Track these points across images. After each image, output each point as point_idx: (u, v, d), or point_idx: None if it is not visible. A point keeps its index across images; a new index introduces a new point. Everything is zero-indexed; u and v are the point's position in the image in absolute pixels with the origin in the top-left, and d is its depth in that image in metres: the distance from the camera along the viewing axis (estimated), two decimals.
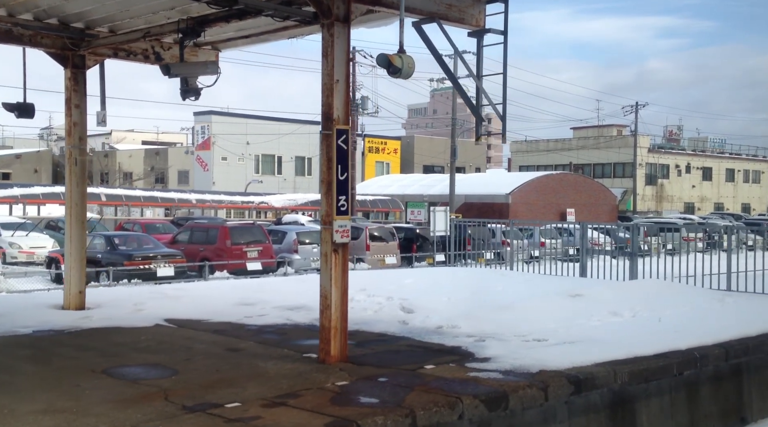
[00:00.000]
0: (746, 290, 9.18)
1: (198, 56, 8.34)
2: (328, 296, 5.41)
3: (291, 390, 4.60)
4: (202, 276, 15.45)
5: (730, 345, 6.48)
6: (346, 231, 5.44)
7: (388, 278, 10.40)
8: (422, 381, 4.94)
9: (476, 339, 6.47)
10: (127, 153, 57.35)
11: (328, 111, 5.40)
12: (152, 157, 54.50)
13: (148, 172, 52.83)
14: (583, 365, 5.53)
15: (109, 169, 56.33)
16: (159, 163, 53.71)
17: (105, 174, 55.56)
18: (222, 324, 6.93)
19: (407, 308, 7.77)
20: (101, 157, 59.45)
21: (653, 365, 5.79)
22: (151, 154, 54.97)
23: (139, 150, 57.27)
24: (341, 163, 5.42)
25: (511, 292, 8.96)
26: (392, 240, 20.79)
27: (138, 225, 23.04)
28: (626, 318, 7.59)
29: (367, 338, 6.52)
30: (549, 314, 7.46)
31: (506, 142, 8.92)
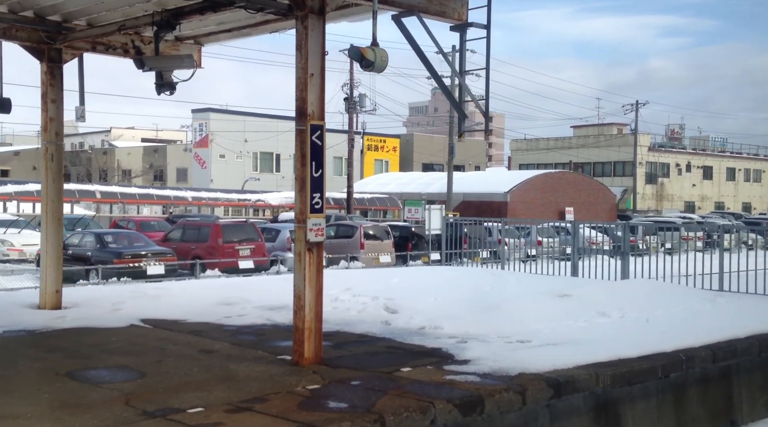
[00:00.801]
0: (739, 290, 9.01)
1: (180, 50, 8.18)
2: (302, 296, 5.26)
3: (259, 394, 4.45)
4: (193, 274, 15.33)
5: (717, 347, 6.32)
6: (321, 230, 5.29)
7: (376, 277, 10.25)
8: (396, 385, 4.79)
9: (458, 340, 6.32)
10: (125, 150, 57.26)
11: (302, 106, 5.24)
12: (151, 154, 54.39)
13: (146, 169, 52.76)
14: (565, 367, 5.37)
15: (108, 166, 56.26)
16: (158, 160, 53.60)
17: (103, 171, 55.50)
18: (199, 325, 6.78)
19: (391, 309, 7.62)
20: (100, 155, 59.40)
21: (637, 368, 5.63)
22: (149, 151, 54.86)
23: (137, 147, 57.16)
24: (316, 160, 5.26)
25: (500, 292, 8.80)
26: (387, 238, 20.62)
27: (132, 222, 22.90)
28: (614, 319, 7.43)
29: (347, 339, 6.37)
30: (535, 315, 7.30)
31: (489, 139, 8.75)
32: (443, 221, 13.25)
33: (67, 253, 16.50)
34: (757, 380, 7.22)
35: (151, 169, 53.04)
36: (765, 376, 7.29)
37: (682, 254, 11.02)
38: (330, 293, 8.61)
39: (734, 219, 37.92)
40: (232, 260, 16.51)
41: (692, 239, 20.88)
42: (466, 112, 6.66)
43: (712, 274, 9.33)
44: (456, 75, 5.99)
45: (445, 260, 12.74)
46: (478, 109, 6.15)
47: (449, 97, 6.24)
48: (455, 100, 6.26)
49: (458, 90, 6.35)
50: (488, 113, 6.20)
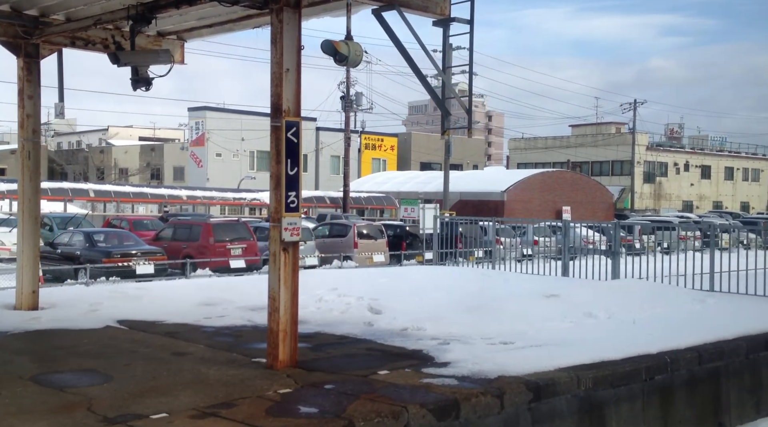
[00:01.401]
0: (730, 290, 8.89)
1: (162, 46, 8.04)
2: (277, 297, 5.12)
3: (227, 399, 4.32)
4: (184, 274, 15.19)
5: (704, 349, 6.20)
6: (296, 229, 5.15)
7: (364, 277, 10.12)
8: (371, 388, 4.66)
9: (440, 342, 6.19)
10: (122, 149, 57.13)
11: (276, 102, 5.10)
12: (148, 153, 54.26)
13: (143, 168, 52.61)
14: (546, 370, 5.25)
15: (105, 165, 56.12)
16: (154, 159, 53.48)
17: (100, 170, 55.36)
18: (177, 326, 6.65)
19: (375, 309, 7.49)
20: (97, 154, 59.27)
21: (620, 370, 5.50)
22: (146, 150, 54.72)
23: (134, 146, 57.03)
24: (291, 157, 5.13)
25: (487, 292, 8.67)
26: (381, 238, 20.48)
27: (126, 221, 22.76)
28: (601, 320, 7.31)
29: (327, 341, 6.24)
30: (521, 316, 7.17)
31: (471, 136, 8.58)
32: (434, 220, 13.09)
33: (56, 252, 16.46)
34: (747, 382, 7.10)
35: (148, 167, 52.90)
36: (754, 377, 7.17)
37: (678, 254, 10.86)
38: (315, 293, 8.49)
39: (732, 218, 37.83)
40: (223, 259, 16.38)
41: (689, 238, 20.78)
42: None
43: (702, 274, 9.21)
44: (439, 72, 5.86)
45: (439, 259, 12.62)
46: (461, 105, 6.01)
47: (432, 94, 6.11)
48: (438, 97, 6.13)
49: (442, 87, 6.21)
50: (471, 110, 6.07)
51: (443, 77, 6.01)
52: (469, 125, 6.15)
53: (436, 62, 6.01)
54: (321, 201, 35.99)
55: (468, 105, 6.05)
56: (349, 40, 4.69)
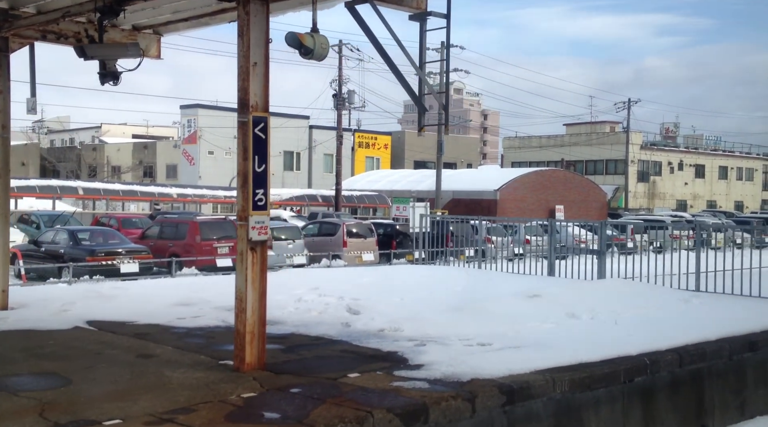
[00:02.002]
0: (716, 290, 8.79)
1: (138, 40, 7.87)
2: (244, 298, 4.98)
3: (188, 404, 4.17)
4: (170, 273, 15.02)
5: (685, 350, 6.08)
6: (264, 228, 5.00)
7: (347, 276, 9.98)
8: (338, 392, 4.53)
9: (416, 343, 6.06)
10: (115, 147, 56.78)
11: (244, 97, 4.95)
12: (140, 151, 53.92)
13: (135, 165, 52.29)
14: (521, 372, 5.12)
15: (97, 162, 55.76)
16: (147, 157, 53.15)
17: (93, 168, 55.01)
18: (148, 327, 6.49)
19: (354, 309, 7.35)
20: (89, 151, 58.88)
21: (598, 373, 5.38)
22: (139, 147, 54.37)
23: (127, 144, 56.68)
24: (259, 154, 4.98)
25: (470, 292, 8.55)
26: (370, 236, 20.35)
27: (114, 219, 22.55)
28: (583, 320, 7.19)
29: (301, 342, 6.10)
30: (502, 316, 7.05)
31: (448, 134, 8.45)
32: (421, 219, 12.96)
33: (40, 250, 16.25)
34: (731, 383, 7.00)
35: (141, 165, 52.57)
36: (738, 379, 7.07)
37: (672, 253, 10.73)
38: (295, 292, 8.35)
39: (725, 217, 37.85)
40: (210, 258, 16.20)
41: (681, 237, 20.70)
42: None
43: (688, 274, 9.11)
44: (415, 68, 5.71)
45: (429, 258, 12.47)
46: (438, 101, 5.87)
47: (407, 90, 5.96)
48: (414, 93, 5.98)
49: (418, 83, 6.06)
50: (448, 106, 5.93)
51: (419, 74, 5.86)
52: (446, 122, 6.01)
53: (412, 57, 5.86)
54: (313, 199, 35.83)
55: (444, 101, 5.91)
56: (315, 33, 4.54)
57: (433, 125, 9.19)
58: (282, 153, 48.02)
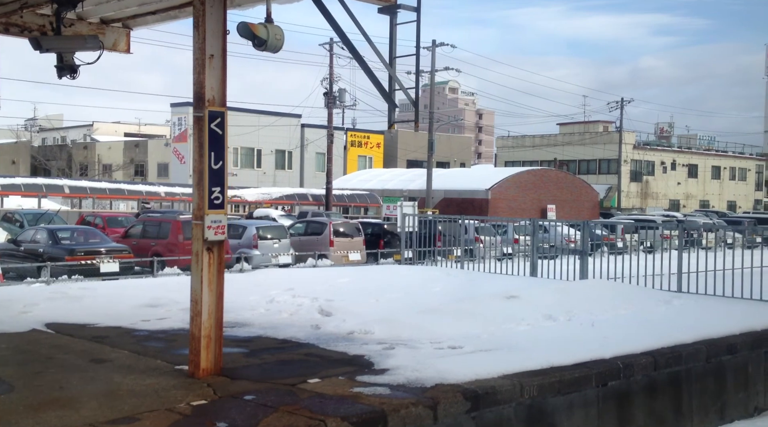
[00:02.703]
0: (698, 291, 8.65)
1: (106, 34, 7.65)
2: (199, 300, 4.78)
3: (132, 412, 3.98)
4: (152, 272, 14.78)
5: (660, 353, 5.92)
6: (221, 227, 4.81)
7: (324, 276, 9.79)
8: (294, 399, 4.34)
9: (386, 347, 5.88)
10: (106, 145, 56.37)
11: (199, 90, 4.76)
12: (132, 149, 53.54)
13: (126, 164, 51.93)
14: (488, 377, 4.95)
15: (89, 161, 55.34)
16: (138, 155, 52.78)
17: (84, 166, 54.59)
18: (109, 329, 6.28)
19: (326, 311, 7.16)
20: (80, 149, 58.43)
21: (568, 377, 5.21)
22: (130, 146, 53.99)
23: (118, 142, 56.28)
24: (215, 150, 4.78)
25: (448, 293, 8.38)
26: (357, 236, 20.15)
27: (100, 218, 22.28)
28: (560, 322, 7.03)
29: (266, 346, 5.90)
30: (477, 318, 6.88)
31: (417, 130, 8.25)
32: (404, 218, 12.77)
33: (19, 249, 15.97)
34: (710, 387, 6.85)
35: (132, 164, 52.20)
36: (718, 382, 6.92)
37: (662, 253, 10.56)
38: (269, 293, 8.15)
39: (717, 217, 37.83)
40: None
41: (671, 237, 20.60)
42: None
43: (670, 275, 8.96)
44: (384, 63, 5.52)
45: (418, 258, 12.27)
46: (408, 98, 5.69)
47: (377, 86, 5.77)
48: (384, 89, 5.79)
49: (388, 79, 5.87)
50: (418, 103, 5.74)
51: (389, 70, 5.67)
52: (416, 119, 5.83)
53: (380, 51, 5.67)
54: (303, 198, 35.60)
55: (415, 97, 5.72)
56: (268, 23, 4.35)
57: (404, 122, 8.86)
58: (273, 152, 47.76)
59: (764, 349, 7.21)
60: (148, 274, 14.89)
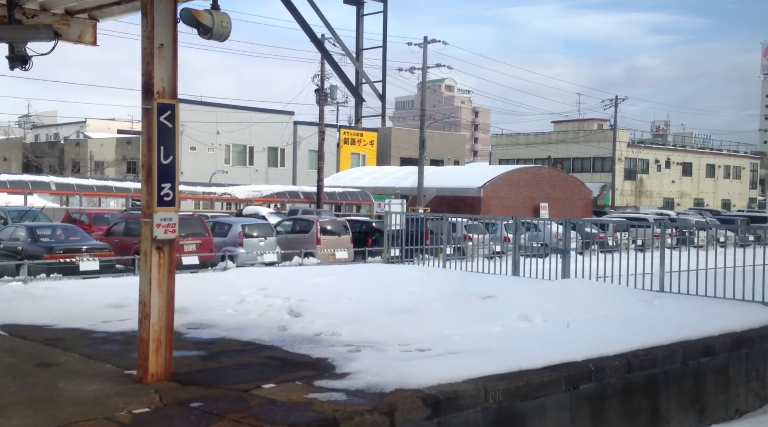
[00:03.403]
0: (680, 291, 8.47)
1: (71, 25, 7.41)
2: (148, 302, 4.56)
3: (68, 421, 3.76)
4: (134, 271, 14.55)
5: (634, 356, 5.73)
6: (172, 225, 4.59)
7: (301, 275, 9.57)
8: (243, 406, 4.13)
9: (351, 349, 5.67)
10: (98, 142, 56.00)
11: (148, 81, 4.53)
12: (124, 146, 53.15)
13: (118, 161, 51.56)
14: (452, 381, 4.75)
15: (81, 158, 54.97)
16: (131, 152, 52.40)
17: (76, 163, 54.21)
18: (66, 331, 6.06)
19: (296, 312, 6.95)
20: (72, 146, 58.04)
21: (536, 381, 5.02)
22: (122, 143, 53.59)
23: (110, 139, 55.88)
24: (165, 145, 4.56)
25: (425, 293, 8.18)
26: (345, 234, 19.94)
27: (85, 215, 22.01)
28: (535, 323, 6.84)
29: (228, 348, 5.69)
30: (450, 319, 6.68)
31: (384, 125, 8.00)
32: (387, 216, 12.56)
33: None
34: (689, 389, 6.68)
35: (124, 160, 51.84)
36: (697, 384, 6.75)
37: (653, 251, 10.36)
38: (240, 293, 7.94)
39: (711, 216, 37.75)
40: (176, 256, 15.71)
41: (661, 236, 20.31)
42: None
43: (653, 274, 8.78)
44: (350, 57, 5.31)
45: (406, 256, 12.04)
46: (374, 91, 5.47)
47: (344, 80, 5.56)
48: (351, 83, 5.58)
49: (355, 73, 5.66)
50: (385, 96, 5.53)
51: (355, 64, 5.46)
52: (383, 113, 5.61)
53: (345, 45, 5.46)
54: (294, 196, 35.34)
55: (382, 91, 5.51)
56: (214, 10, 4.13)
57: (371, 117, 8.46)
58: (266, 149, 47.47)
59: (745, 350, 7.05)
60: (130, 272, 14.68)
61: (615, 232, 17.64)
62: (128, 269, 15.04)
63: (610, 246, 15.15)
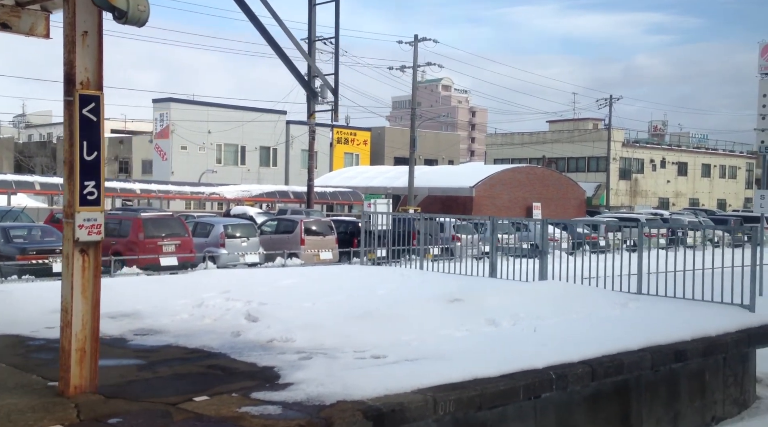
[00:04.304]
0: (658, 293, 8.18)
1: (21, 17, 7.10)
2: (70, 310, 4.25)
3: None
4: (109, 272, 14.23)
5: (599, 362, 5.44)
6: (96, 226, 4.28)
7: (268, 278, 9.26)
8: (165, 423, 3.83)
9: (302, 356, 5.37)
10: None
11: (70, 71, 4.22)
12: (116, 145, 52.80)
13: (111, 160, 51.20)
14: (399, 392, 4.45)
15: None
16: (123, 152, 52.05)
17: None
18: (2, 338, 5.75)
19: (253, 316, 6.64)
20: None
21: (491, 390, 4.72)
22: (114, 142, 53.23)
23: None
24: (88, 140, 4.25)
25: (392, 296, 7.88)
26: (330, 234, 19.64)
27: None
28: (502, 328, 6.54)
29: (170, 356, 5.38)
30: (413, 323, 6.38)
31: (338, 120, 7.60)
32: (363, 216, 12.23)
33: None
34: (661, 396, 6.40)
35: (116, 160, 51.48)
36: (670, 391, 6.47)
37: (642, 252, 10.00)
38: (201, 296, 7.62)
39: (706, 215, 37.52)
40: (153, 257, 15.41)
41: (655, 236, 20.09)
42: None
43: (631, 275, 8.49)
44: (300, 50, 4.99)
45: (392, 257, 11.71)
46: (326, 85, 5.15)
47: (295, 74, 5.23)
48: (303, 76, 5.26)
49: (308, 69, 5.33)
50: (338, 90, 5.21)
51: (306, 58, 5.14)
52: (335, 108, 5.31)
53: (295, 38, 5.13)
54: (284, 196, 35.01)
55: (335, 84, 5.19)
56: None
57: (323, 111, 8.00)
58: (258, 148, 47.08)
59: (722, 355, 6.77)
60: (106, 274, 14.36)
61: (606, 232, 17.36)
62: (105, 271, 14.74)
63: (601, 246, 14.88)
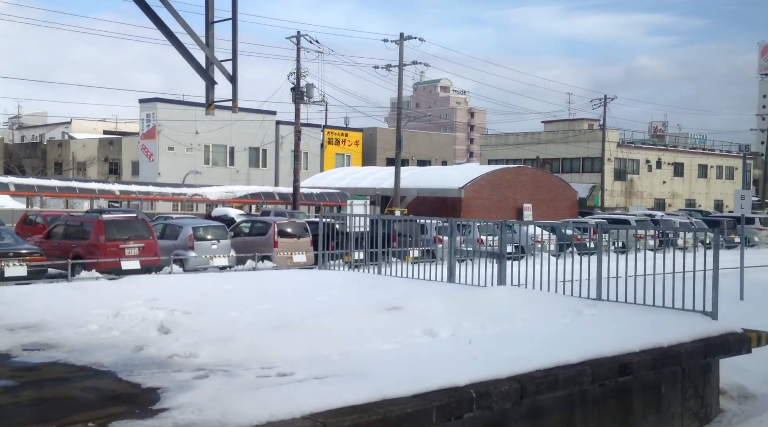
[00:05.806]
0: (617, 298, 7.61)
1: None
2: None
3: None
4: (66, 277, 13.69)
5: (530, 378, 4.86)
6: None
7: (205, 283, 8.70)
8: None
9: (200, 375, 4.81)
10: (81, 142, 55.19)
11: None
12: (106, 146, 52.35)
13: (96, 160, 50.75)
14: (287, 418, 3.89)
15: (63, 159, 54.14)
16: (113, 153, 51.57)
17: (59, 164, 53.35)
18: None
19: (166, 328, 6.08)
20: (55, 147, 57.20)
21: (396, 413, 4.15)
22: (104, 143, 52.80)
23: (93, 139, 55.09)
24: None
25: (330, 303, 7.31)
26: (305, 236, 19.09)
27: (41, 217, 21.15)
28: (439, 339, 5.97)
29: (50, 376, 4.81)
30: (340, 335, 5.82)
31: (236, 112, 7.00)
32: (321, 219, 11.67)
33: None
34: (611, 411, 5.84)
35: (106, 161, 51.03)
36: (621, 406, 5.91)
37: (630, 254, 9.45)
38: (122, 304, 7.05)
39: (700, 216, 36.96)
40: (114, 260, 14.86)
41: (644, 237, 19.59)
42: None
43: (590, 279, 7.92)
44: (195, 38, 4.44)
45: (370, 259, 11.15)
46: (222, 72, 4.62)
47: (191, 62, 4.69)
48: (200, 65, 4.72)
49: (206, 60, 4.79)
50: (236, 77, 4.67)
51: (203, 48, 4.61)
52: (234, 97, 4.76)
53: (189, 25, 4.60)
54: (270, 197, 34.48)
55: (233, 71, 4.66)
56: None
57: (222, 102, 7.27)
58: (247, 149, 46.54)
59: (679, 366, 6.21)
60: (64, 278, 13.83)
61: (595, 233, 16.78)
62: (62, 275, 14.20)
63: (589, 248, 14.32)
